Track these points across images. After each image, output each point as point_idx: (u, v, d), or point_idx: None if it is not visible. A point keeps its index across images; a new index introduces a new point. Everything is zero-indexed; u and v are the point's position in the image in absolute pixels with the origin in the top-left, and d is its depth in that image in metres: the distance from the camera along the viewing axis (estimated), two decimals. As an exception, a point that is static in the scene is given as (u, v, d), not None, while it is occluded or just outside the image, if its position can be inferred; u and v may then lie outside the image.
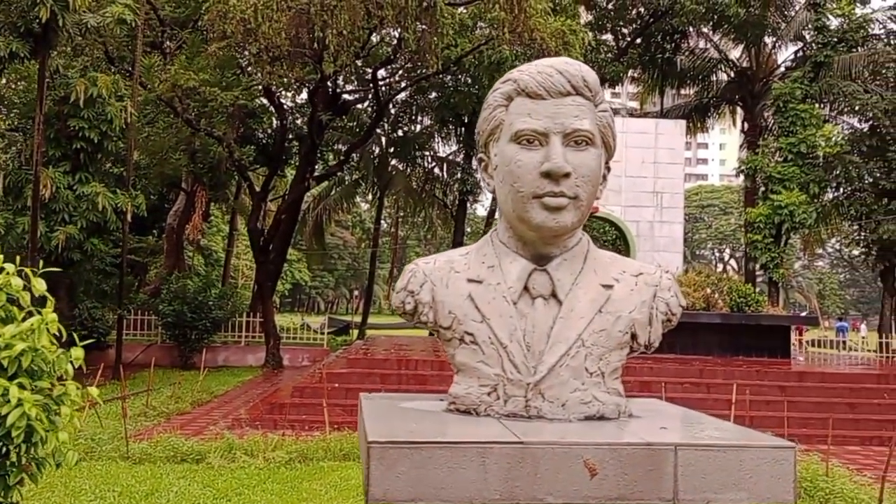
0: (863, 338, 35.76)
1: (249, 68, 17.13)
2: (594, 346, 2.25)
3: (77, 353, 3.68)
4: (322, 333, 24.68)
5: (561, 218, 2.22)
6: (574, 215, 2.24)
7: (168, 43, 21.07)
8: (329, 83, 20.20)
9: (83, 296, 18.33)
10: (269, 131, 23.83)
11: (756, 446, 1.97)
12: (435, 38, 15.95)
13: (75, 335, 3.75)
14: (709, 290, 16.87)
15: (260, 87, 18.08)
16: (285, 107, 25.32)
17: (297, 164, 23.06)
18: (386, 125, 30.08)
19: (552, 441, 1.91)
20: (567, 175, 2.20)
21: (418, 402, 2.52)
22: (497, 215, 2.47)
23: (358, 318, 34.94)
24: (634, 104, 45.55)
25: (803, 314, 28.21)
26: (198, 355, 17.79)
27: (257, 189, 21.39)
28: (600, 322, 2.27)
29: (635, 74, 32.46)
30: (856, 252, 51.97)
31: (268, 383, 16.48)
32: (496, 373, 2.24)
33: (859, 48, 25.83)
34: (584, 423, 2.18)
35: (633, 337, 2.34)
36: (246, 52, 14.79)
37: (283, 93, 23.75)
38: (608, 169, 2.43)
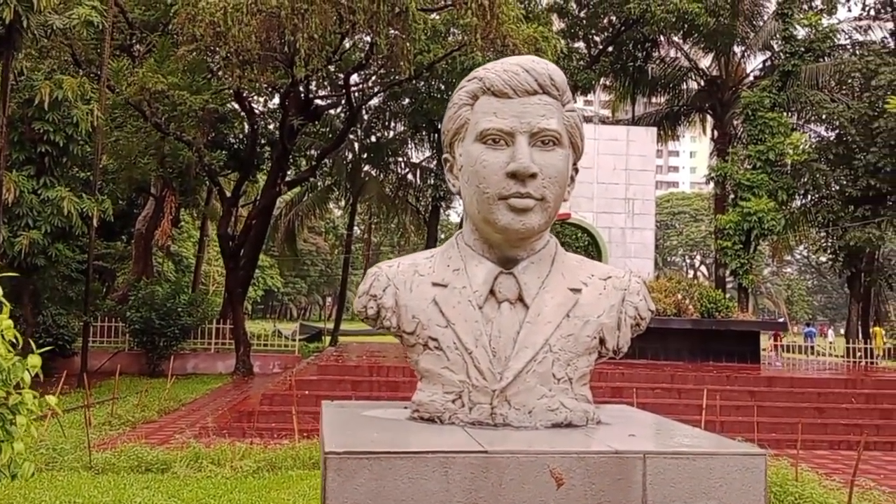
0: (830, 343, 36.23)
1: (220, 72, 16.93)
2: (562, 351, 2.20)
3: (34, 360, 3.55)
4: (294, 340, 24.47)
5: (527, 220, 2.16)
6: (541, 217, 2.18)
7: (137, 46, 20.81)
8: (301, 88, 20.06)
9: (48, 302, 17.98)
10: (241, 136, 23.61)
11: (726, 454, 1.92)
12: (407, 44, 15.91)
13: (32, 342, 3.62)
14: (679, 296, 16.96)
15: (230, 92, 17.87)
16: (257, 111, 25.13)
17: (268, 169, 22.86)
18: (359, 131, 29.96)
19: (518, 450, 1.85)
20: (534, 176, 2.14)
21: (382, 410, 2.44)
22: (463, 217, 2.41)
23: (331, 325, 34.71)
24: (606, 112, 45.92)
25: (780, 320, 28.53)
26: (166, 363, 17.53)
27: (228, 194, 21.15)
28: (568, 327, 2.22)
29: (607, 82, 32.67)
30: (823, 258, 52.74)
31: (237, 391, 16.26)
32: (461, 379, 2.17)
33: (826, 58, 26.25)
34: (552, 431, 2.12)
35: (602, 342, 2.29)
36: (216, 56, 14.59)
37: (255, 98, 23.58)
38: (576, 170, 2.38)
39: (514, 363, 2.16)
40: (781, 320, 28.70)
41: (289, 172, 23.67)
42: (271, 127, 24.65)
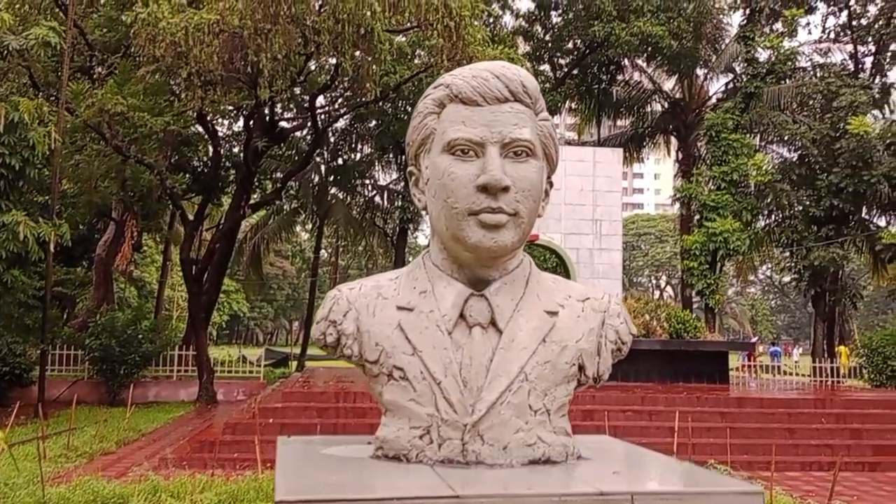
0: (795, 362, 36.57)
1: (182, 94, 16.64)
2: (538, 380, 2.02)
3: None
4: (259, 366, 24.00)
5: (500, 237, 1.99)
6: (514, 234, 2.01)
7: (99, 69, 20.43)
8: (266, 110, 19.83)
9: (4, 330, 17.42)
10: (205, 159, 23.26)
11: (721, 493, 1.75)
12: (373, 66, 15.78)
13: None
14: (647, 317, 16.94)
15: (193, 114, 17.57)
16: (221, 134, 24.80)
17: (233, 192, 22.53)
18: (325, 153, 29.77)
19: (493, 493, 1.66)
20: (506, 189, 1.97)
21: (343, 446, 2.23)
22: (430, 235, 2.22)
23: (297, 350, 34.21)
24: (572, 134, 46.26)
25: (753, 340, 28.74)
26: (126, 391, 17.03)
27: (191, 218, 20.77)
28: (545, 353, 2.04)
29: (573, 105, 32.89)
30: (787, 278, 53.43)
31: (200, 419, 15.83)
32: (429, 412, 1.98)
33: (787, 80, 26.66)
34: (529, 469, 1.93)
35: (581, 369, 2.11)
36: (178, 78, 14.32)
37: (220, 120, 23.28)
38: (550, 184, 2.21)
39: (487, 394, 1.97)
40: (754, 340, 28.91)
41: (254, 195, 23.36)
42: (236, 150, 24.35)
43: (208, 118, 19.77)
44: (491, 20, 25.80)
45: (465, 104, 2.04)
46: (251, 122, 19.48)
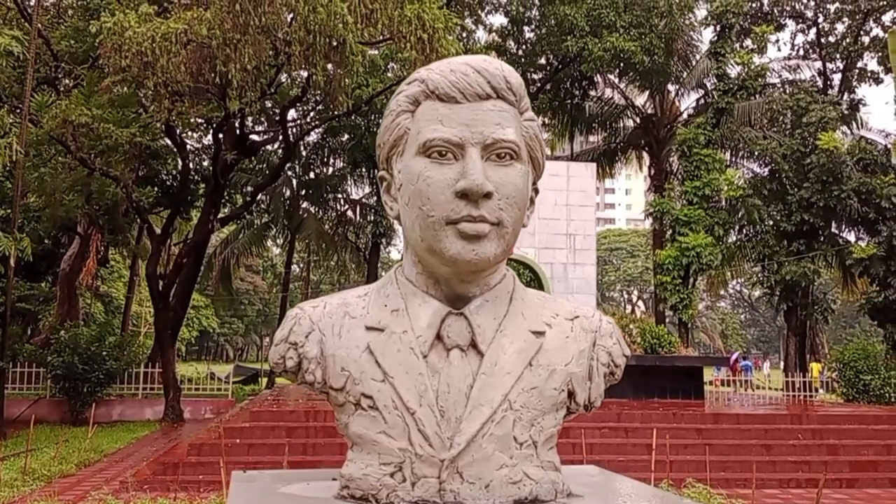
0: (766, 376, 36.77)
1: (149, 105, 16.29)
2: (524, 408, 1.80)
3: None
4: (227, 383, 23.53)
5: (481, 248, 1.76)
6: (497, 245, 1.79)
7: (66, 80, 20.00)
8: (237, 123, 19.52)
9: (-39, 347, 16.85)
10: (174, 172, 22.86)
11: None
12: (347, 80, 15.57)
13: None
14: (622, 333, 16.81)
15: (160, 126, 17.21)
16: (191, 147, 24.42)
17: (202, 206, 22.15)
18: (297, 167, 29.49)
19: (475, 543, 1.43)
20: (488, 195, 1.75)
21: (303, 484, 2.00)
22: (403, 247, 2.00)
23: (268, 366, 33.69)
24: (545, 150, 46.34)
25: (735, 354, 28.78)
26: (90, 410, 16.54)
27: (158, 232, 20.35)
28: (531, 378, 1.82)
29: (545, 120, 32.93)
30: (757, 293, 53.89)
31: (165, 439, 15.40)
32: (401, 447, 1.75)
33: (758, 96, 26.91)
34: (514, 510, 1.71)
35: (571, 395, 1.90)
36: (146, 90, 13.99)
37: (190, 133, 22.91)
38: (536, 191, 2.01)
39: (468, 425, 1.74)
40: (736, 355, 28.95)
41: (224, 209, 23.00)
42: (206, 163, 23.98)
43: (177, 131, 19.41)
44: (464, 35, 25.75)
45: (443, 101, 1.82)
46: (221, 135, 19.15)
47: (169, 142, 20.33)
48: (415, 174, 1.81)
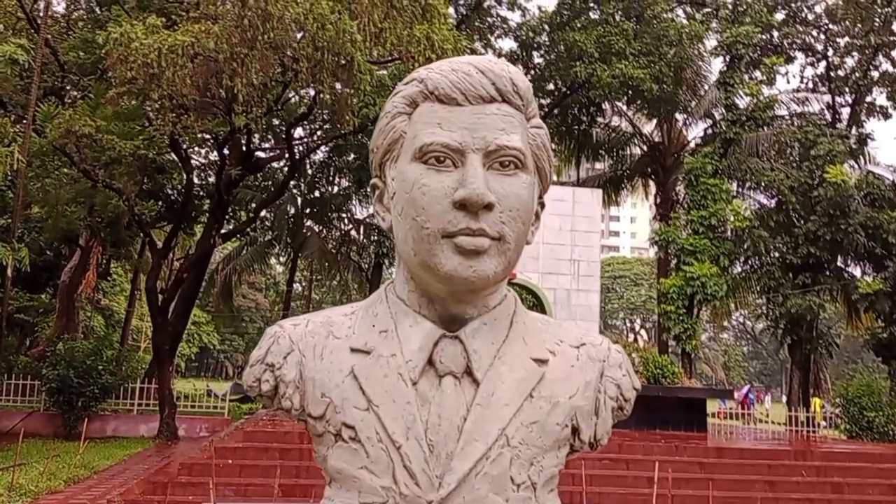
0: (766, 409, 36.36)
1: (154, 118, 16.22)
2: (523, 444, 1.61)
3: None
4: (225, 401, 23.28)
5: (480, 265, 1.58)
6: (498, 262, 1.60)
7: (74, 92, 19.98)
8: (243, 139, 19.46)
9: (-44, 358, 16.72)
10: (180, 187, 22.78)
11: None
12: (354, 99, 15.48)
13: None
14: (625, 361, 16.57)
15: (165, 139, 17.14)
16: (198, 162, 24.38)
17: (206, 221, 22.05)
18: (302, 185, 29.45)
19: None
20: (489, 207, 1.57)
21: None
22: (396, 262, 1.83)
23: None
24: (553, 160, 46.31)
25: (745, 388, 28.53)
26: (83, 425, 16.32)
27: (159, 246, 20.22)
28: (531, 411, 1.63)
29: (553, 145, 32.85)
30: (760, 325, 53.52)
31: (158, 457, 15.15)
32: (384, 485, 1.56)
33: (766, 127, 26.82)
34: (509, 561, 1.52)
35: (575, 431, 1.70)
36: (150, 101, 13.92)
37: (196, 148, 22.86)
38: (542, 205, 1.82)
39: (459, 463, 1.55)
40: (747, 389, 28.68)
41: (227, 225, 22.88)
42: (212, 179, 23.91)
43: (183, 145, 19.36)
44: (473, 58, 25.71)
45: (443, 103, 1.65)
46: (226, 150, 19.06)
47: (174, 156, 20.26)
48: (409, 182, 1.63)
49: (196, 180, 22.98)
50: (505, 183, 1.62)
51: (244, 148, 20.25)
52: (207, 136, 20.01)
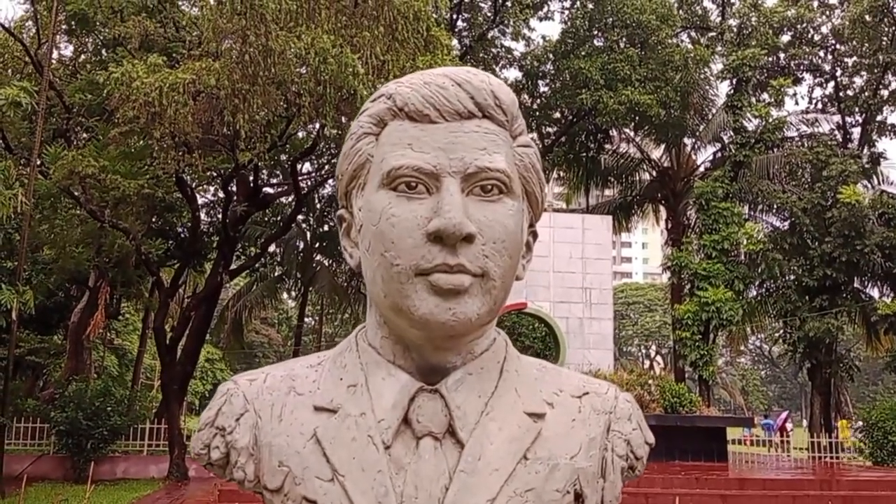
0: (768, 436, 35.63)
1: (159, 157, 16.19)
2: (517, 517, 1.36)
3: None
4: (235, 439, 22.98)
5: (460, 307, 1.35)
6: (481, 302, 1.37)
7: (84, 135, 20.01)
8: (249, 175, 19.40)
9: (-38, 402, 16.50)
10: (189, 225, 22.74)
11: None
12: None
13: None
14: (640, 391, 16.22)
15: (171, 178, 17.08)
16: (206, 199, 24.36)
17: (215, 258, 21.95)
18: (311, 220, 29.40)
19: None
20: (469, 238, 1.34)
21: None
22: (367, 305, 1.59)
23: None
24: (560, 203, 46.17)
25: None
26: (94, 467, 16.07)
27: (167, 285, 20.10)
28: (526, 477, 1.38)
29: (561, 173, 32.76)
30: (776, 349, 52.82)
31: (167, 499, 14.86)
32: (351, 571, 1.32)
33: (776, 149, 26.60)
34: None
35: (578, 498, 1.45)
36: (152, 140, 13.86)
37: (204, 186, 22.85)
38: (534, 235, 1.58)
39: (440, 543, 1.31)
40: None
41: (236, 262, 22.76)
42: (220, 216, 23.85)
43: (193, 183, 19.33)
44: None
45: (414, 120, 1.42)
46: (231, 187, 19.00)
47: (180, 194, 20.22)
48: (377, 212, 1.41)
49: (205, 217, 22.95)
50: (487, 210, 1.39)
51: (251, 184, 20.19)
52: (213, 174, 19.98)
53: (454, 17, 27.19)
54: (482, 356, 1.47)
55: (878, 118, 28.50)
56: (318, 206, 28.89)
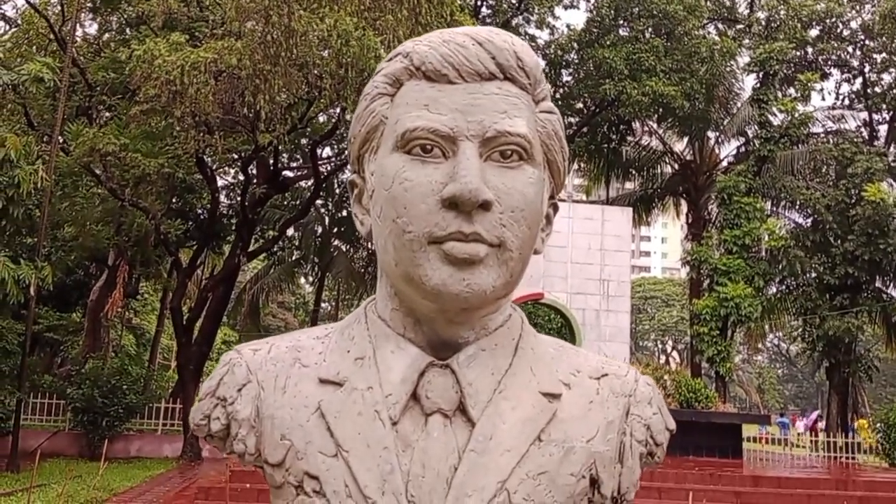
0: (799, 434, 35.35)
1: (179, 136, 16.22)
2: (528, 501, 1.28)
3: None
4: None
5: (475, 278, 1.27)
6: (498, 274, 1.29)
7: (106, 113, 20.08)
8: (269, 158, 19.40)
9: (-21, 378, 16.68)
10: (209, 206, 22.82)
11: None
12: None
13: None
14: (657, 385, 16.12)
15: (192, 158, 17.11)
16: (227, 181, 24.42)
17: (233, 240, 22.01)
18: (329, 204, 29.40)
19: None
20: (486, 206, 1.27)
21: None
22: (378, 275, 1.52)
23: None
24: (581, 195, 45.96)
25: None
26: (108, 444, 16.18)
27: (185, 265, 20.19)
28: (539, 459, 1.31)
29: (581, 164, 32.54)
30: (794, 348, 52.34)
31: (180, 478, 14.95)
32: (354, 552, 1.25)
33: (801, 145, 26.25)
34: None
35: (594, 483, 1.37)
36: (173, 119, 13.85)
37: (225, 168, 22.90)
38: (555, 207, 1.50)
39: (447, 525, 1.24)
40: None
41: (256, 244, 22.82)
42: (239, 198, 23.93)
43: (211, 164, 19.37)
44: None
45: (431, 80, 1.34)
46: (251, 169, 19.01)
47: (200, 175, 20.28)
48: (389, 176, 1.33)
49: (224, 199, 23.02)
50: (506, 177, 1.31)
51: (271, 167, 20.20)
52: (234, 156, 20.01)
53: (478, 3, 27.01)
54: (497, 332, 1.39)
55: (906, 116, 28.05)
56: (337, 190, 28.86)
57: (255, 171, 20.59)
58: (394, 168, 1.32)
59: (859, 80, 28.84)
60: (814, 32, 28.29)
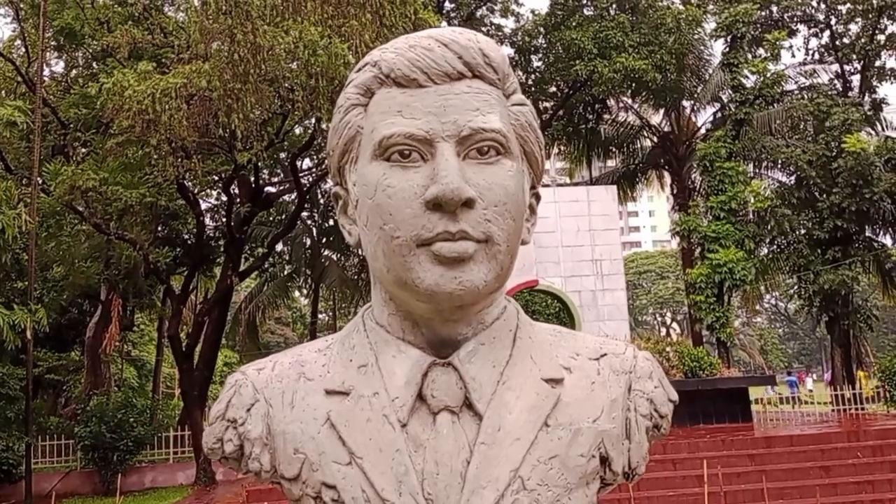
0: (809, 391, 35.60)
1: (157, 164, 16.17)
2: (542, 486, 1.32)
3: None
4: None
5: (466, 275, 1.30)
6: (488, 268, 1.32)
7: (82, 149, 20.00)
8: (250, 175, 19.36)
9: (-14, 425, 16.65)
10: (195, 230, 22.76)
11: None
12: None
13: None
14: (660, 358, 16.18)
15: (173, 185, 17.07)
16: (210, 203, 24.34)
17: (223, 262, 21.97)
18: (315, 215, 29.37)
19: None
20: (469, 203, 1.29)
21: None
22: (371, 283, 1.55)
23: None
24: (564, 178, 46.03)
25: (793, 374, 27.89)
26: (122, 479, 16.16)
27: (178, 292, 20.14)
28: (548, 444, 1.34)
29: (561, 147, 32.60)
30: (792, 306, 52.62)
31: (198, 503, 14.93)
32: (378, 555, 1.28)
33: (776, 104, 26.35)
34: None
35: (605, 461, 1.41)
36: (150, 147, 13.81)
37: (207, 190, 22.83)
38: (537, 197, 1.53)
39: (466, 517, 1.27)
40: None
41: (246, 263, 22.78)
42: (225, 219, 23.86)
43: (193, 189, 19.30)
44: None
45: (402, 86, 1.37)
46: (232, 189, 18.98)
47: (182, 200, 20.22)
48: (371, 185, 1.36)
49: (210, 222, 22.95)
50: (486, 173, 1.34)
51: (252, 185, 20.17)
52: (214, 177, 19.96)
53: (441, -2, 27.01)
54: (493, 325, 1.43)
55: (877, 64, 28.15)
56: (322, 200, 28.84)
57: (237, 191, 20.56)
58: (375, 176, 1.35)
59: (827, 33, 28.96)
60: (777, -10, 28.41)
